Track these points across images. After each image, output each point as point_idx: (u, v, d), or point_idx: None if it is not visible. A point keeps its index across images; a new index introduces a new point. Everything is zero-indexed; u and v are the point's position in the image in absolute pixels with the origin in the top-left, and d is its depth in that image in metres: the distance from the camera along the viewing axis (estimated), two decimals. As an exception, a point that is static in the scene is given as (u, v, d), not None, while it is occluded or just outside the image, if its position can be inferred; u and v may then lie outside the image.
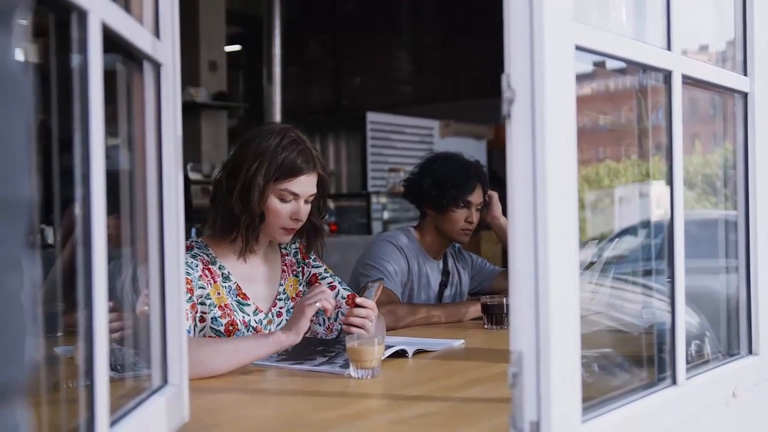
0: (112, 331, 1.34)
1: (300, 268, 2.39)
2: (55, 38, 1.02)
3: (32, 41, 0.85)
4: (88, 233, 0.99)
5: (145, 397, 1.27)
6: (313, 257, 2.42)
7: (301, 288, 2.37)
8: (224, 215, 2.18)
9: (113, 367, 1.21)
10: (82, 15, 0.97)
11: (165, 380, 1.35)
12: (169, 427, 1.32)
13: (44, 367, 1.17)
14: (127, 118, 1.33)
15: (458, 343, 2.32)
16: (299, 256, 2.40)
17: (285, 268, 2.36)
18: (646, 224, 2.17)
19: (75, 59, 0.99)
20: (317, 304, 1.98)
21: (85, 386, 1.01)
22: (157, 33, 1.33)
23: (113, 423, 1.07)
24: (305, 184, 2.20)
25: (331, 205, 7.79)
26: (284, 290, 2.33)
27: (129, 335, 1.49)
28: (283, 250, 2.38)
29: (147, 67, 1.31)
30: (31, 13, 0.64)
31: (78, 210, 0.99)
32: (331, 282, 2.38)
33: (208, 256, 2.20)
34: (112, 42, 1.09)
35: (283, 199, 2.18)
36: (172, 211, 1.36)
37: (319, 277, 2.39)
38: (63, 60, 1.02)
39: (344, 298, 2.33)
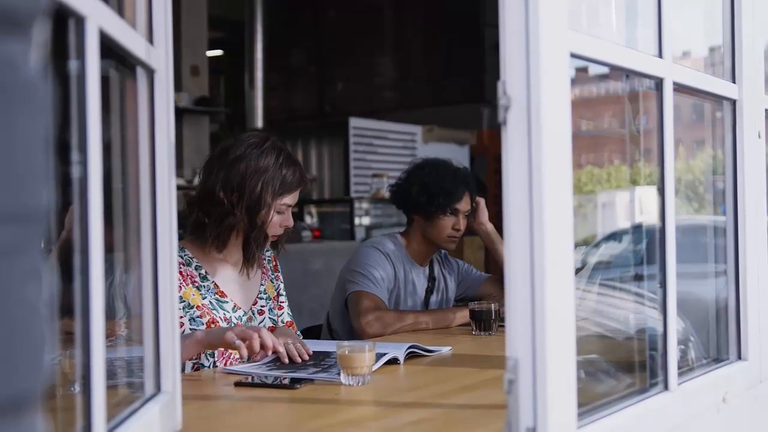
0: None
1: (275, 275, 2.49)
2: (51, 43, 1.01)
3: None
4: (85, 239, 0.98)
5: (138, 406, 1.26)
6: (278, 273, 2.51)
7: (276, 293, 2.46)
8: (226, 231, 2.24)
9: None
10: (80, 21, 0.96)
11: (158, 388, 1.34)
12: (162, 435, 1.31)
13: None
14: (120, 124, 1.32)
15: (446, 349, 2.32)
16: (272, 265, 2.49)
17: (264, 270, 2.45)
18: (631, 230, 2.18)
19: (72, 65, 0.98)
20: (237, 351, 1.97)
21: (77, 394, 1.01)
22: (150, 39, 1.32)
23: (109, 431, 1.06)
24: (297, 195, 2.32)
25: (314, 210, 7.78)
26: (265, 290, 2.41)
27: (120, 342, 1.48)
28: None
29: (140, 72, 1.31)
30: (47, 22, 0.64)
31: (75, 215, 0.98)
32: (283, 302, 2.49)
33: (182, 257, 2.22)
34: (107, 47, 1.08)
35: (279, 212, 2.28)
36: (165, 216, 1.35)
37: (279, 294, 2.49)
38: (59, 65, 1.01)
39: (284, 323, 2.42)
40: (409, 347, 2.16)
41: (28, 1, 0.56)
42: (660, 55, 1.50)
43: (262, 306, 2.38)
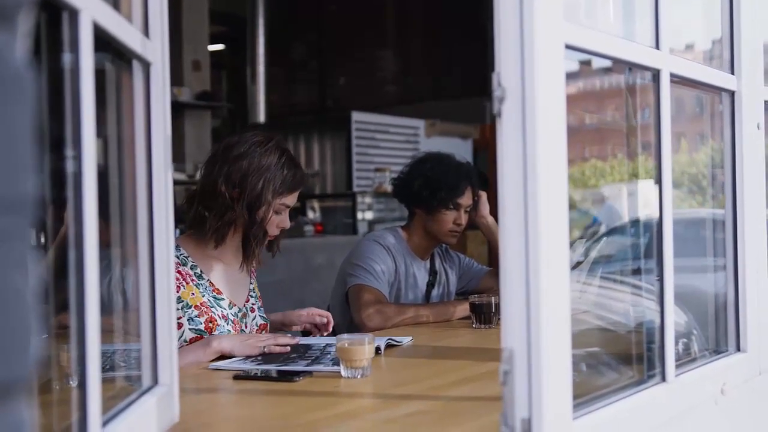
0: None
1: (255, 276, 2.51)
2: (45, 37, 1.02)
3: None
4: (79, 234, 0.98)
5: (135, 398, 1.26)
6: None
7: (259, 293, 2.49)
8: (225, 226, 2.25)
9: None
10: (74, 14, 0.96)
11: (155, 380, 1.35)
12: (159, 426, 1.31)
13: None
14: (116, 118, 1.32)
15: (407, 340, 2.33)
16: (255, 265, 2.50)
17: (253, 270, 2.47)
18: (632, 223, 2.18)
19: (66, 58, 0.98)
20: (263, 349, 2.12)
21: (73, 386, 1.01)
22: (146, 32, 1.32)
23: (105, 423, 1.07)
24: (296, 197, 2.34)
25: (316, 205, 7.78)
26: (253, 288, 2.44)
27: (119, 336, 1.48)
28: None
29: (136, 66, 1.31)
30: (33, 13, 0.64)
31: (69, 211, 0.98)
32: (260, 305, 2.47)
33: (178, 257, 2.23)
34: (102, 41, 1.08)
35: (277, 212, 2.29)
36: (161, 211, 1.35)
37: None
38: (53, 59, 1.01)
39: (257, 326, 2.41)
40: (387, 340, 2.21)
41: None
42: (657, 47, 1.49)
43: (252, 304, 2.41)
